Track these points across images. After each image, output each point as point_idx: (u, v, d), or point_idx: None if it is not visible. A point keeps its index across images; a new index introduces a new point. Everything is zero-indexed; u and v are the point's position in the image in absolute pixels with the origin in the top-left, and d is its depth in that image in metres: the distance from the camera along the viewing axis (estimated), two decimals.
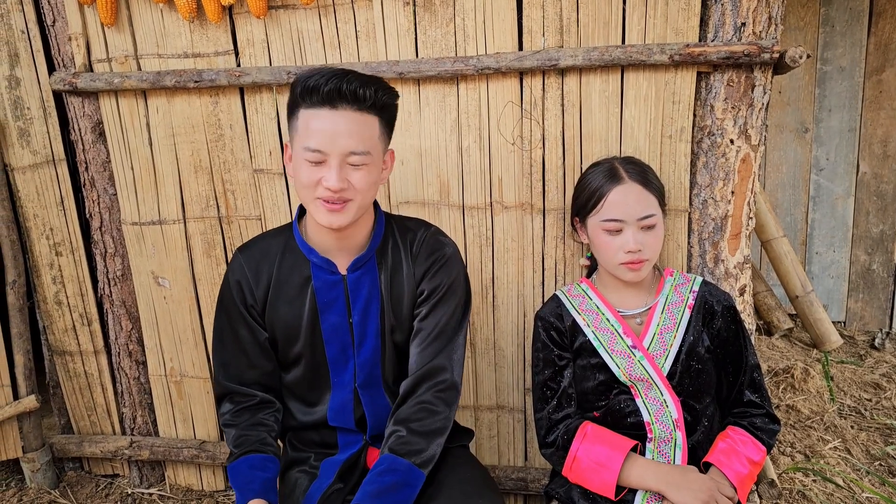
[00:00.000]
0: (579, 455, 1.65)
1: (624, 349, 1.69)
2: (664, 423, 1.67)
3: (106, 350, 2.49)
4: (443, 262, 1.66)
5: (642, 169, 1.71)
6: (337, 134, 1.44)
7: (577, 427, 1.68)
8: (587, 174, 1.76)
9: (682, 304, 1.73)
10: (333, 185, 1.45)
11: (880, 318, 3.76)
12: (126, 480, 2.60)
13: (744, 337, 1.72)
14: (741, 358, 1.70)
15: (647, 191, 1.66)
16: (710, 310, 1.71)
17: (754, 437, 1.65)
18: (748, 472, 1.60)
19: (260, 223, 2.24)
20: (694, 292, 1.74)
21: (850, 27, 3.51)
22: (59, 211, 2.38)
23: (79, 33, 2.17)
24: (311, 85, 1.44)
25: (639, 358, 1.67)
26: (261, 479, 1.55)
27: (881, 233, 3.67)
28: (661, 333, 1.70)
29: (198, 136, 2.20)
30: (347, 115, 1.45)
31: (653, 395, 1.68)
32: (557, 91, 1.97)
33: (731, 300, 1.74)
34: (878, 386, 3.13)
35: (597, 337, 1.71)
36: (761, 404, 1.70)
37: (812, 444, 2.65)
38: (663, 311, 1.72)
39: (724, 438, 1.66)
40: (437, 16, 1.99)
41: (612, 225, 1.64)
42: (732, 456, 1.61)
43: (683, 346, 1.68)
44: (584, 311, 1.76)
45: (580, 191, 1.75)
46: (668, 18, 1.88)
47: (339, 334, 1.66)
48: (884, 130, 3.55)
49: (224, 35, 2.12)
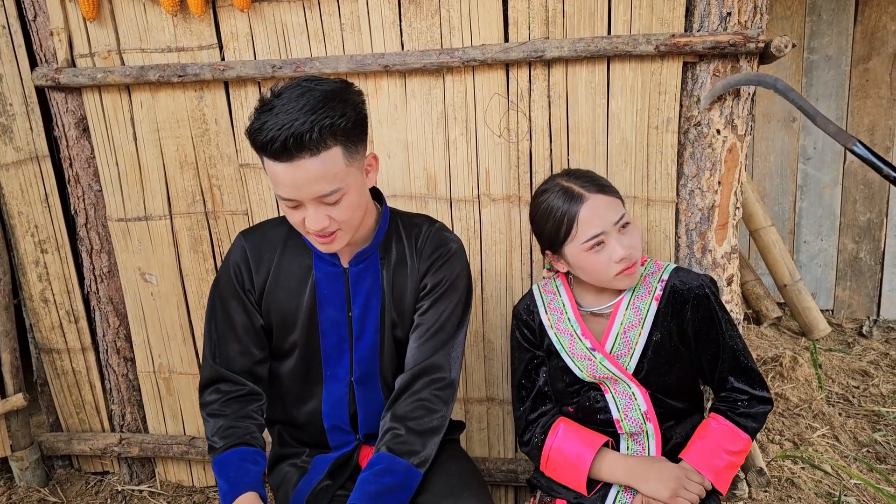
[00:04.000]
0: (552, 455, 1.69)
1: (584, 352, 1.66)
2: (633, 419, 1.67)
3: (94, 347, 2.48)
4: (447, 258, 1.65)
5: (593, 177, 1.64)
6: (300, 185, 1.39)
7: (550, 426, 1.71)
8: (541, 206, 1.64)
9: (648, 297, 1.66)
10: (314, 228, 1.44)
11: (868, 306, 3.79)
12: (116, 477, 2.59)
13: (720, 322, 1.64)
14: (717, 344, 1.64)
15: (609, 196, 1.60)
16: (680, 299, 1.64)
17: (735, 424, 1.62)
18: (726, 464, 1.59)
19: (247, 218, 2.23)
20: (663, 281, 1.66)
21: (837, 16, 3.51)
22: (44, 208, 2.36)
23: (61, 28, 2.14)
24: (259, 143, 1.38)
25: (599, 360, 1.65)
26: (254, 472, 1.54)
27: (868, 221, 3.69)
28: (624, 332, 1.65)
29: (183, 130, 2.19)
30: (304, 164, 1.36)
31: (621, 389, 1.67)
32: (544, 82, 1.96)
33: (703, 287, 1.64)
34: (865, 373, 3.16)
35: (559, 339, 1.70)
36: (746, 389, 1.64)
37: (801, 432, 2.67)
38: (628, 307, 1.66)
39: (702, 429, 1.65)
40: (422, 8, 1.98)
41: (595, 241, 1.56)
42: (707, 451, 1.60)
43: (650, 344, 1.64)
44: (552, 309, 1.73)
45: (542, 224, 1.64)
46: (654, 8, 1.87)
47: (336, 327, 1.65)
48: (870, 119, 3.57)
49: (208, 29, 2.10)
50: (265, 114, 1.37)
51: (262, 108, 1.39)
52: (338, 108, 1.38)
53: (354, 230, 1.53)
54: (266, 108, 1.39)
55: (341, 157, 1.40)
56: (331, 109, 1.37)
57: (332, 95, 1.39)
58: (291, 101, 1.36)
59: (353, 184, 1.45)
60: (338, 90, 1.41)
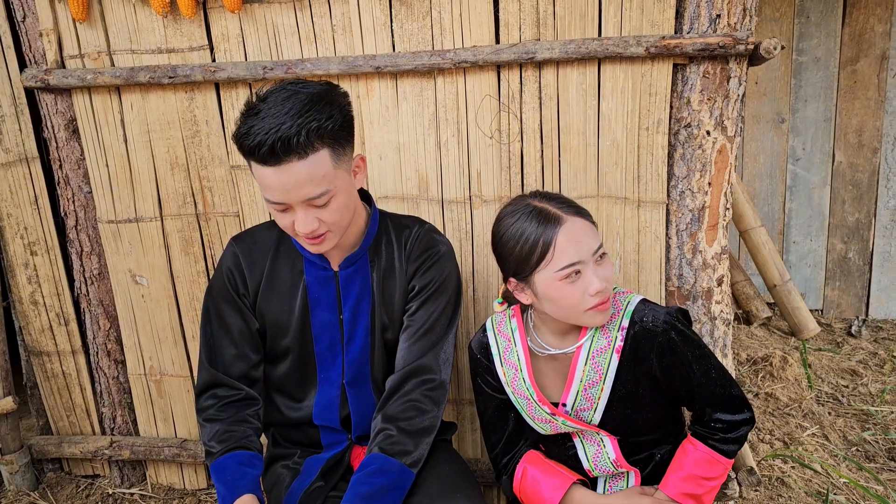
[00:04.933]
0: (522, 498, 1.67)
1: (543, 416, 1.61)
2: (603, 466, 1.64)
3: (84, 350, 2.47)
4: (435, 259, 1.65)
5: (567, 199, 1.50)
6: (289, 188, 1.39)
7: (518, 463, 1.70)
8: (509, 228, 1.49)
9: (609, 349, 1.52)
10: (303, 230, 1.45)
11: (857, 306, 3.81)
12: (107, 481, 2.57)
13: (689, 364, 1.51)
14: (689, 383, 1.52)
15: (587, 220, 1.47)
16: (643, 347, 1.51)
17: (714, 450, 1.54)
18: (706, 490, 1.54)
19: (238, 220, 2.22)
20: (623, 329, 1.51)
21: (825, 18, 3.54)
22: (34, 210, 2.35)
23: (50, 29, 2.13)
24: (246, 148, 1.38)
25: (561, 422, 1.59)
26: (251, 475, 1.54)
27: (857, 221, 3.72)
28: (585, 389, 1.55)
29: (173, 132, 2.18)
30: (292, 168, 1.37)
31: (589, 434, 1.63)
32: (535, 84, 1.97)
33: (668, 331, 1.49)
34: (854, 373, 3.18)
35: (516, 400, 1.64)
36: (726, 419, 1.53)
37: (790, 431, 2.69)
38: (587, 362, 1.54)
39: (680, 456, 1.58)
40: (413, 9, 1.98)
41: (571, 269, 1.42)
42: (685, 482, 1.55)
43: (614, 398, 1.54)
44: (507, 362, 1.64)
45: (510, 248, 1.49)
46: (644, 10, 1.88)
47: (328, 330, 1.65)
48: (858, 120, 3.59)
49: (198, 30, 2.10)
50: (251, 118, 1.38)
51: (248, 113, 1.39)
52: (324, 110, 1.39)
53: (343, 231, 1.53)
54: (252, 112, 1.39)
55: (329, 159, 1.41)
56: (317, 112, 1.37)
57: (318, 98, 1.39)
58: (277, 105, 1.37)
59: (341, 186, 1.45)
60: (323, 92, 1.41)
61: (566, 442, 1.67)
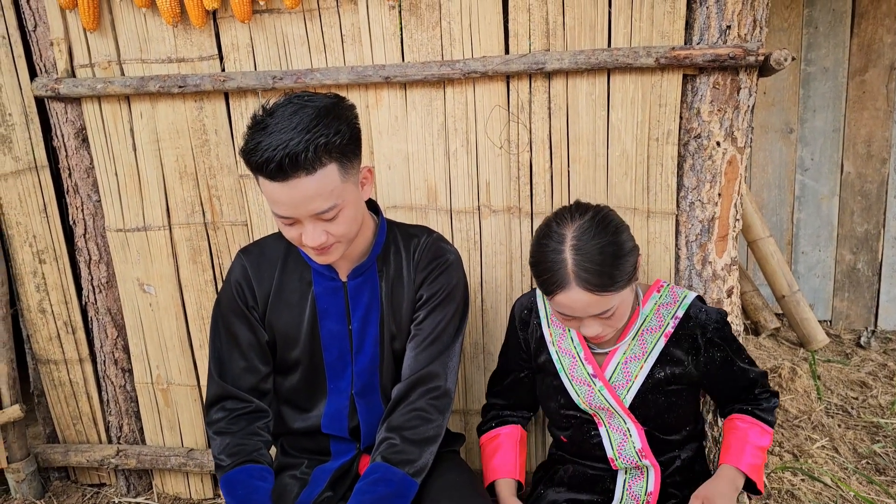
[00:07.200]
0: (482, 450, 1.83)
1: (584, 377, 1.65)
2: (627, 456, 1.66)
3: (91, 358, 2.47)
4: (443, 268, 1.65)
5: (599, 269, 1.42)
6: (297, 203, 1.39)
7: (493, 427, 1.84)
8: (535, 247, 1.53)
9: (658, 331, 1.62)
10: (312, 243, 1.45)
11: (866, 317, 3.79)
12: (113, 489, 2.57)
13: (733, 361, 1.65)
14: (735, 382, 1.67)
15: (597, 295, 1.44)
16: (692, 342, 1.62)
17: (760, 420, 1.66)
18: (763, 462, 1.63)
19: (246, 229, 2.22)
20: (676, 318, 1.62)
21: (834, 28, 3.53)
22: (43, 218, 2.35)
23: (61, 38, 2.14)
24: (254, 164, 1.37)
25: (599, 388, 1.63)
26: (263, 489, 1.54)
27: (866, 232, 3.70)
28: (625, 363, 1.62)
29: (182, 141, 2.18)
30: (301, 183, 1.36)
31: (615, 423, 1.66)
32: (544, 94, 1.97)
33: (719, 328, 1.62)
34: (864, 384, 3.15)
35: (559, 359, 1.68)
36: (763, 392, 1.70)
37: (800, 444, 2.67)
38: (635, 338, 1.62)
39: (737, 434, 1.65)
40: (422, 19, 1.98)
41: (565, 316, 1.53)
42: (743, 452, 1.62)
43: (649, 380, 1.62)
44: (554, 323, 1.70)
45: (533, 260, 1.54)
46: (654, 21, 1.88)
47: (337, 341, 1.65)
48: (867, 130, 3.58)
49: (208, 40, 2.10)
50: (259, 133, 1.36)
51: (256, 128, 1.38)
52: (332, 124, 1.37)
53: (351, 242, 1.53)
54: (259, 126, 1.38)
55: (337, 173, 1.40)
56: (325, 127, 1.36)
57: (326, 112, 1.38)
58: (285, 120, 1.35)
59: (349, 199, 1.45)
60: (331, 106, 1.40)
61: (591, 430, 1.69)
